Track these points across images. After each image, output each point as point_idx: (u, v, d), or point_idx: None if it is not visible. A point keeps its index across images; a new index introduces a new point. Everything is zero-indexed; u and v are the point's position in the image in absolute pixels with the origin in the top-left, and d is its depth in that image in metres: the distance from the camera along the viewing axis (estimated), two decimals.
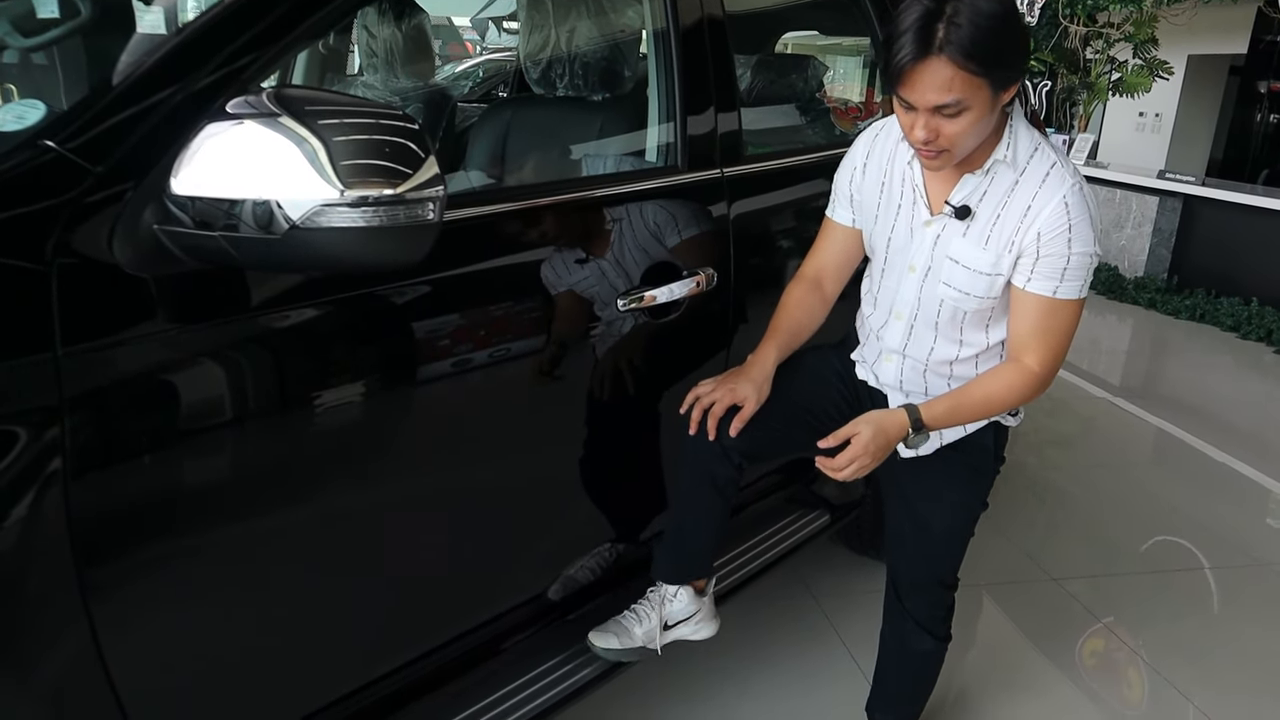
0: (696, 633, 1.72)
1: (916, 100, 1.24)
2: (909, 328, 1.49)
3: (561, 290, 1.45)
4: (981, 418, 1.48)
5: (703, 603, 1.72)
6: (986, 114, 1.26)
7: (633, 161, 1.75)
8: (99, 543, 0.97)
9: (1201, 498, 3.25)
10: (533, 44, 1.80)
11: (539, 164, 1.88)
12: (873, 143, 1.54)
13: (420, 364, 1.28)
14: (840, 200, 1.59)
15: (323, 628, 1.27)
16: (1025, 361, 1.40)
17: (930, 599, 1.66)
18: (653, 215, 1.60)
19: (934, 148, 1.28)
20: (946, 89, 1.21)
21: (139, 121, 0.97)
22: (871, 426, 1.42)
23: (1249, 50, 8.19)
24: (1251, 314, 5.49)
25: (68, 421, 0.91)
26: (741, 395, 1.49)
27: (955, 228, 1.40)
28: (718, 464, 1.55)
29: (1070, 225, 1.32)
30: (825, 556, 2.52)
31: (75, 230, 0.92)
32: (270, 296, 1.09)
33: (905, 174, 1.45)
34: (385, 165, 0.93)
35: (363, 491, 1.25)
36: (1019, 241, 1.35)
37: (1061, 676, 2.20)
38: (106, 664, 1.01)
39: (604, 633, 1.62)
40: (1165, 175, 6.36)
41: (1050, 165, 1.35)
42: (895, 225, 1.47)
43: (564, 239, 1.46)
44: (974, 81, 1.21)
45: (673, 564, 1.68)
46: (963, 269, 1.39)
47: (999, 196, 1.36)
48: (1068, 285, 1.35)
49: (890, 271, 1.50)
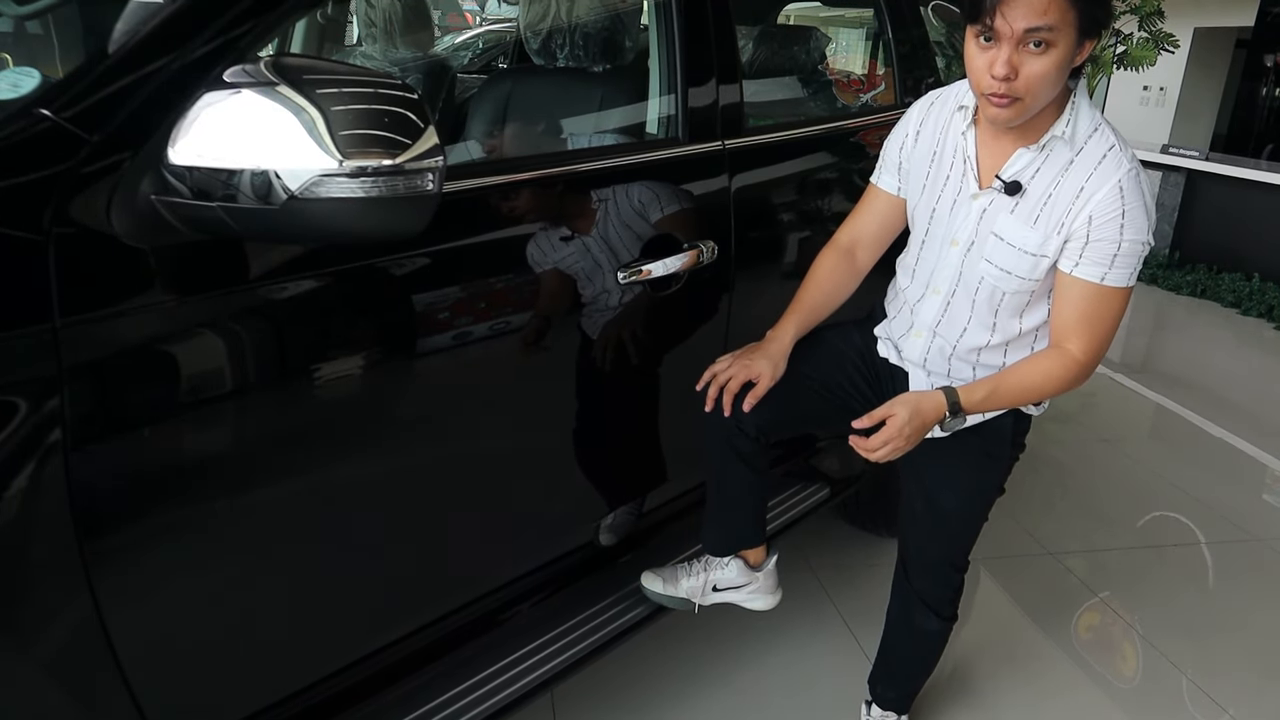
0: (750, 602, 1.77)
1: (1011, 22, 1.18)
2: (945, 304, 1.47)
3: (560, 263, 1.44)
4: (1019, 404, 1.44)
5: (756, 576, 1.75)
6: (1067, 62, 1.23)
7: (634, 133, 1.74)
8: (100, 513, 0.97)
9: (1199, 473, 3.26)
10: (532, 14, 1.78)
11: (539, 135, 1.87)
12: (927, 110, 1.50)
13: (420, 336, 1.28)
14: (888, 167, 1.56)
15: (324, 596, 1.28)
16: (1068, 348, 1.37)
17: (938, 579, 1.66)
18: (652, 188, 1.59)
19: (1011, 91, 1.22)
20: (1043, 11, 1.17)
21: (135, 90, 0.96)
22: (908, 408, 1.38)
23: (1256, 23, 8.12)
24: (1253, 290, 5.49)
25: (67, 392, 0.91)
26: (756, 371, 1.49)
27: (1003, 204, 1.36)
28: (736, 439, 1.56)
29: (1124, 211, 1.28)
30: (825, 531, 2.53)
31: (73, 200, 0.91)
32: (269, 268, 1.08)
33: (958, 144, 1.41)
34: (384, 135, 0.92)
35: (363, 462, 1.25)
36: (1069, 224, 1.31)
37: (1057, 651, 2.22)
38: (109, 634, 1.01)
39: (655, 575, 1.71)
40: (1169, 150, 6.33)
41: (1109, 147, 1.31)
42: (941, 196, 1.44)
43: (562, 211, 1.45)
44: (1068, 12, 1.18)
45: (716, 536, 1.72)
46: (1007, 246, 1.36)
47: (1053, 175, 1.32)
48: (1117, 273, 1.31)
49: (930, 244, 1.48)
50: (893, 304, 1.61)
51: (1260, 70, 8.60)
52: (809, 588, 2.34)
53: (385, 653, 1.38)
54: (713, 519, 1.71)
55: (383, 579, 1.35)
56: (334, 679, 1.32)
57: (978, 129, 1.40)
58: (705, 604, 1.74)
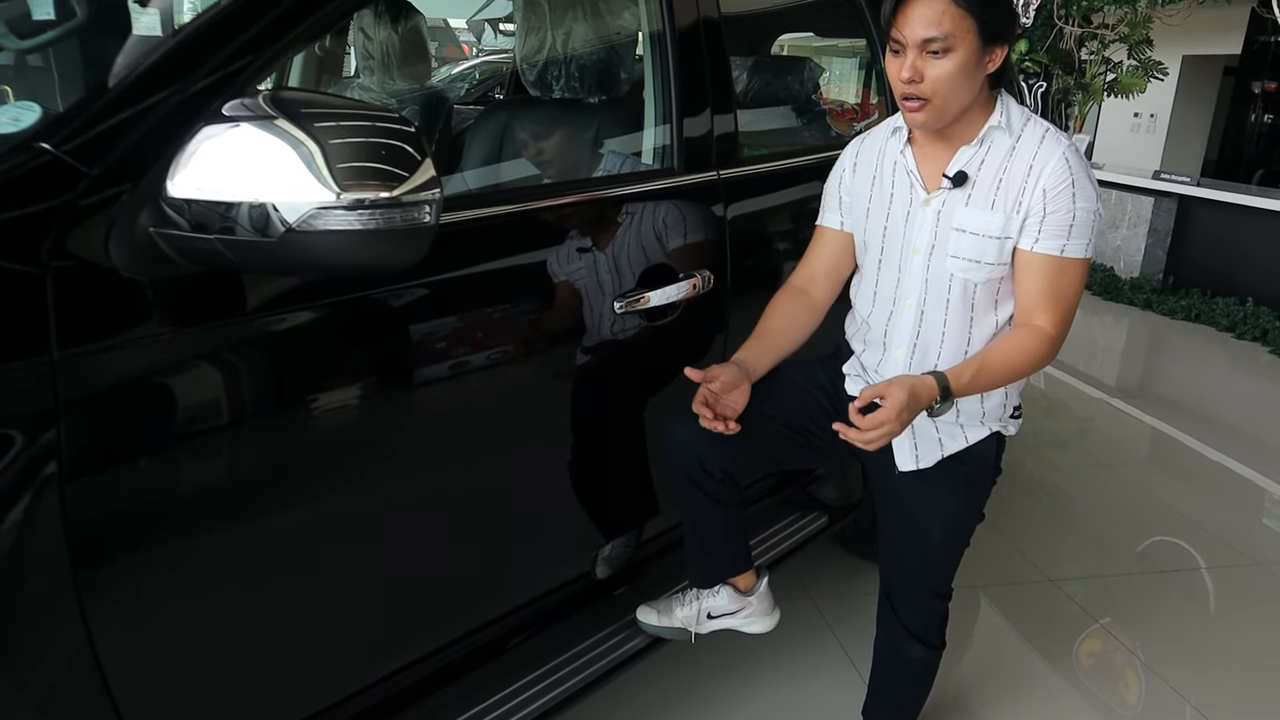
0: (747, 625, 1.76)
1: (907, 35, 1.31)
2: (919, 313, 1.47)
3: (559, 292, 1.45)
4: (1002, 384, 1.44)
5: (748, 600, 1.74)
6: (971, 66, 1.32)
7: (629, 163, 1.75)
8: (95, 546, 0.97)
9: (1198, 498, 3.26)
10: (529, 46, 1.80)
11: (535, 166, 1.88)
12: (860, 145, 1.58)
13: (417, 366, 1.28)
14: (830, 205, 1.61)
15: (320, 629, 1.27)
16: (1037, 324, 1.40)
17: (924, 609, 1.65)
18: (650, 217, 1.60)
19: (918, 93, 1.33)
20: (936, 23, 1.29)
21: (135, 124, 0.97)
22: (905, 390, 1.32)
23: (1243, 51, 8.22)
24: (1247, 314, 5.51)
25: (64, 424, 0.91)
26: (734, 408, 1.48)
27: (956, 198, 1.41)
28: (702, 480, 1.56)
29: (1074, 180, 1.36)
30: (824, 559, 2.52)
31: (71, 233, 0.92)
32: (266, 299, 1.08)
33: (897, 162, 1.48)
34: (382, 168, 0.93)
35: (359, 494, 1.25)
36: (1025, 202, 1.37)
37: (1059, 678, 2.20)
38: (102, 668, 1.00)
39: (649, 608, 1.71)
40: (1160, 176, 6.38)
41: (1045, 129, 1.40)
42: (890, 212, 1.48)
43: (561, 241, 1.46)
44: (963, 21, 1.29)
45: (699, 571, 1.72)
46: (970, 236, 1.40)
47: (999, 160, 1.39)
48: (1074, 243, 1.37)
49: (889, 261, 1.50)
50: (856, 337, 1.61)
51: (1249, 97, 8.69)
52: (809, 617, 2.32)
53: (382, 685, 1.37)
54: (692, 555, 1.71)
55: (379, 611, 1.34)
56: (329, 712, 1.30)
57: (914, 146, 1.47)
58: (702, 632, 1.72)
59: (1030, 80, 7.83)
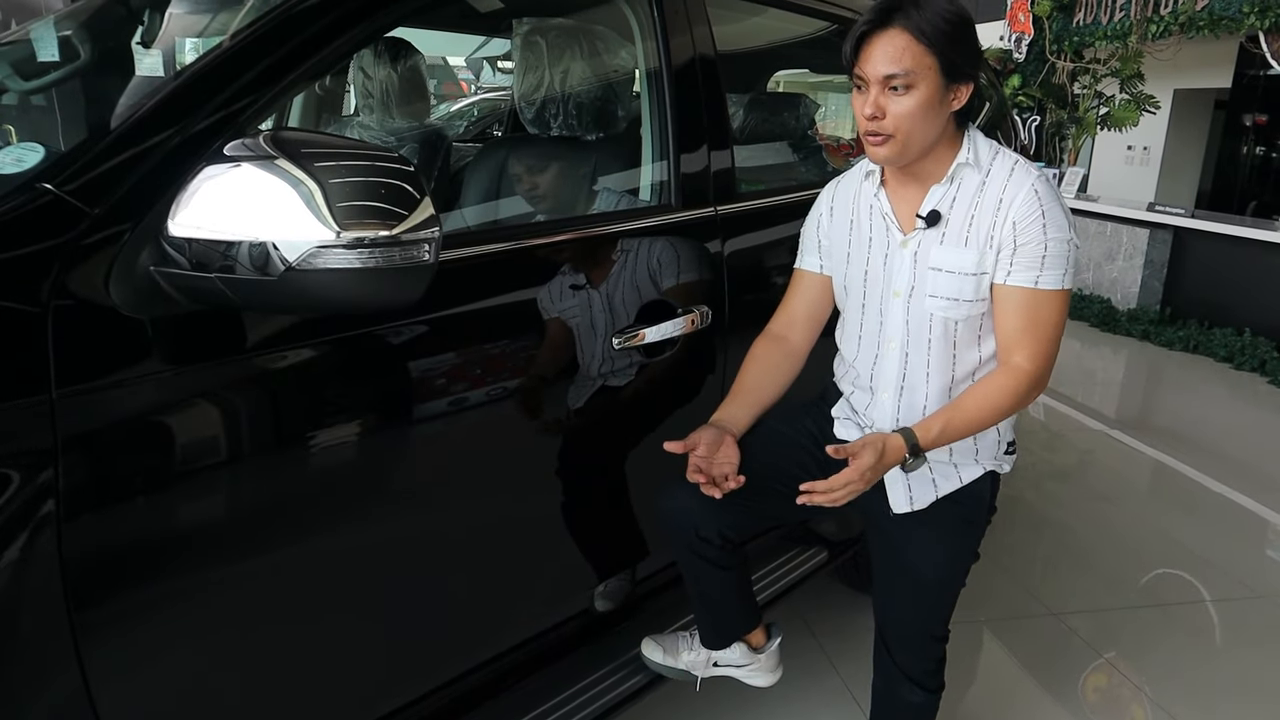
0: (750, 679, 1.76)
1: (869, 71, 1.32)
2: (903, 355, 1.47)
3: (557, 329, 1.45)
4: (980, 428, 1.42)
5: (758, 657, 1.73)
6: (934, 103, 1.32)
7: (627, 199, 1.77)
8: (91, 586, 0.96)
9: (1201, 530, 3.24)
10: (527, 84, 1.82)
11: None
12: (835, 189, 1.59)
13: (416, 404, 1.28)
14: (808, 249, 1.61)
15: (317, 669, 1.26)
16: (1015, 360, 1.38)
17: (921, 652, 1.61)
18: (648, 253, 1.61)
19: (880, 129, 1.33)
20: (897, 60, 1.30)
21: (137, 164, 0.98)
22: (875, 451, 1.34)
23: (1233, 84, 8.30)
24: (1245, 345, 5.51)
25: (62, 463, 0.91)
26: (727, 471, 1.46)
27: (931, 238, 1.41)
28: (700, 547, 1.55)
29: (1043, 211, 1.35)
30: (826, 595, 2.50)
31: (72, 272, 0.92)
32: (266, 337, 1.09)
33: (873, 205, 1.48)
34: (381, 206, 0.94)
35: (359, 532, 1.24)
36: (997, 236, 1.37)
37: (1064, 713, 2.17)
38: (96, 708, 0.99)
39: (655, 644, 1.70)
40: (1155, 208, 6.42)
41: (1014, 162, 1.40)
42: (870, 256, 1.49)
43: (560, 278, 1.46)
44: (925, 58, 1.30)
45: (710, 634, 1.71)
46: (946, 275, 1.40)
47: (969, 197, 1.40)
48: (1049, 275, 1.36)
49: (871, 305, 1.50)
50: (844, 380, 1.60)
51: (1240, 129, 8.76)
52: (812, 656, 2.30)
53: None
54: (700, 619, 1.70)
55: (378, 651, 1.33)
56: None
57: (887, 188, 1.47)
58: (705, 677, 1.72)
59: (1024, 114, 7.92)
